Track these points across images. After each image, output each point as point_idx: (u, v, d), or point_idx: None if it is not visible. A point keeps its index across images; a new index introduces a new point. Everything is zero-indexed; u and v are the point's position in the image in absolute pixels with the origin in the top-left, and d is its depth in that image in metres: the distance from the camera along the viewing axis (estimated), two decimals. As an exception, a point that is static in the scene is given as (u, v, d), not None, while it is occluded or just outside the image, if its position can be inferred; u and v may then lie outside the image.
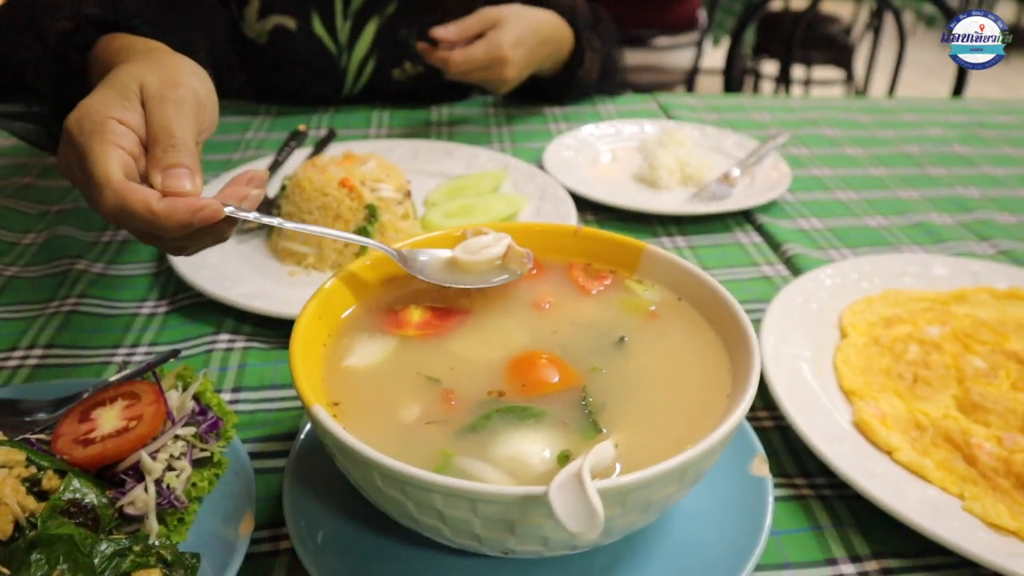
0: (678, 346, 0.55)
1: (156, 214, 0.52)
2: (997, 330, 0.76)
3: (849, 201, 1.08)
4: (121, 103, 0.56)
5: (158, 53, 0.65)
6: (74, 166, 0.56)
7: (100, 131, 0.54)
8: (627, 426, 0.48)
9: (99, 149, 0.53)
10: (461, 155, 1.08)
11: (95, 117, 0.55)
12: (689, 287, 0.59)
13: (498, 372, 0.52)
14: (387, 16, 1.24)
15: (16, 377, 0.70)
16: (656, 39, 3.32)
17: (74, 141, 0.55)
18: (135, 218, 0.52)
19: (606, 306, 0.59)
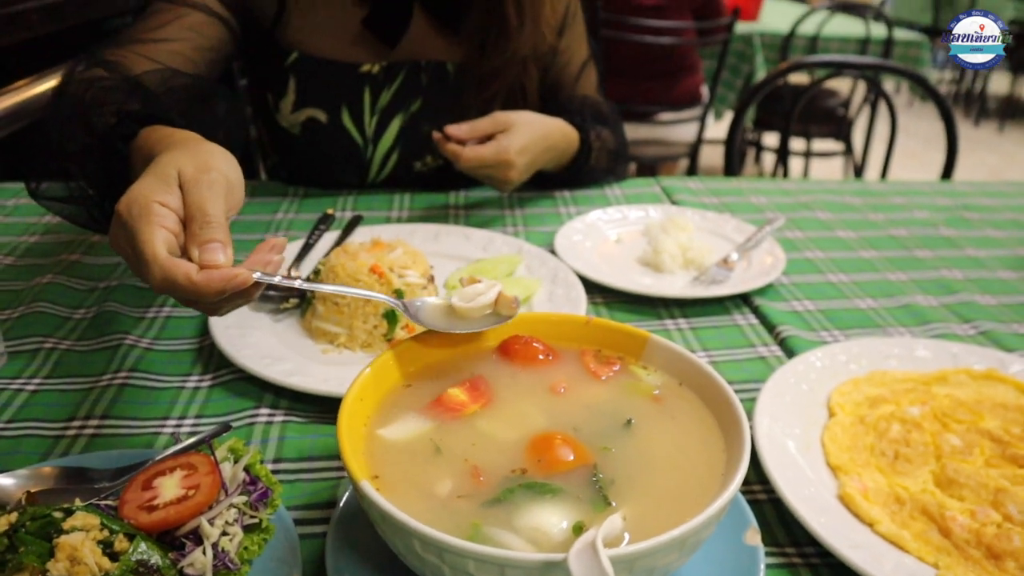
0: (679, 427, 0.62)
1: (196, 284, 0.61)
2: (974, 410, 0.83)
3: (840, 283, 1.16)
4: (163, 188, 0.65)
5: (193, 142, 0.75)
6: (123, 243, 0.65)
7: (146, 214, 0.63)
8: (634, 500, 0.55)
9: (146, 230, 0.62)
10: (478, 239, 1.16)
11: (142, 201, 0.64)
12: (688, 373, 0.66)
13: (520, 451, 0.59)
14: (411, 113, 1.34)
15: (75, 445, 0.77)
16: (661, 114, 3.44)
17: (124, 223, 0.64)
18: (178, 288, 0.62)
19: (615, 390, 0.66)
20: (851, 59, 2.26)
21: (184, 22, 1.13)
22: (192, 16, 1.14)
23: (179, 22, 1.12)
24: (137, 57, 1.07)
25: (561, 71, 1.44)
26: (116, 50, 1.07)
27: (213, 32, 1.16)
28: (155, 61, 1.07)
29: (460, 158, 1.16)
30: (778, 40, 4.04)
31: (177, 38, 1.11)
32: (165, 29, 1.11)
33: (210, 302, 0.64)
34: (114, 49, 1.08)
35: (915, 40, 4.27)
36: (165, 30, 1.11)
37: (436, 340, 0.70)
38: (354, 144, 1.34)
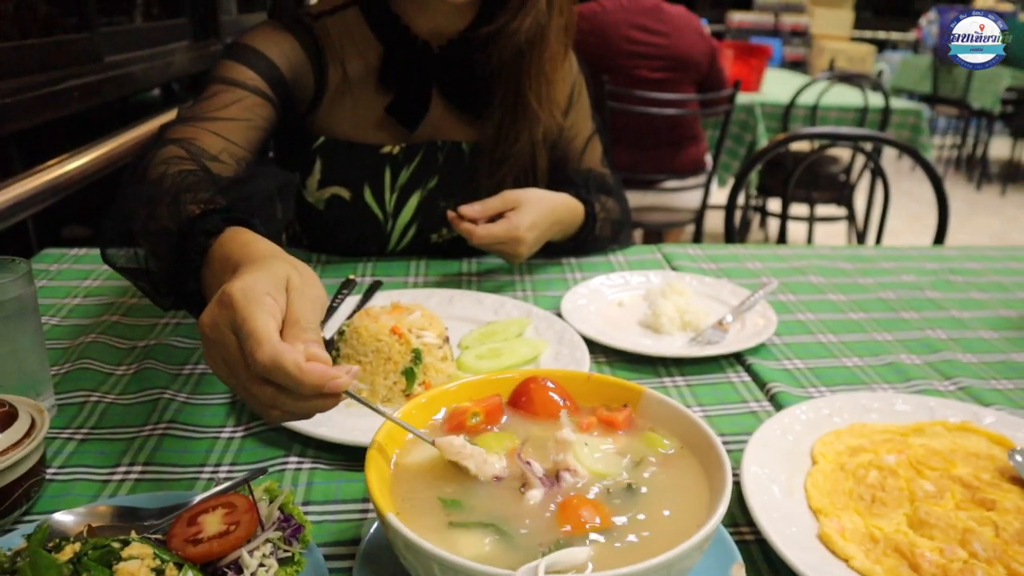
0: (667, 471, 0.70)
1: (301, 371, 0.65)
2: (947, 458, 0.90)
3: (829, 343, 1.24)
4: (275, 286, 0.72)
5: (283, 255, 0.81)
6: (225, 325, 0.69)
7: (260, 301, 0.69)
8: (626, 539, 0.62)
9: (260, 314, 0.67)
10: (490, 303, 1.25)
11: (257, 290, 0.70)
12: (677, 422, 0.74)
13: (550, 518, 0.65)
14: (428, 190, 1.45)
15: (122, 488, 0.84)
16: (666, 182, 3.55)
17: (234, 305, 0.68)
18: (284, 372, 0.65)
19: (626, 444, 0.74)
20: (845, 131, 2.37)
21: (244, 103, 1.24)
22: (250, 98, 1.25)
23: (239, 103, 1.23)
24: (207, 134, 1.17)
25: (567, 146, 1.54)
26: (188, 127, 1.17)
27: (265, 113, 1.27)
28: (222, 137, 1.18)
29: (474, 236, 1.26)
30: (779, 110, 4.17)
31: (237, 117, 1.22)
32: (228, 109, 1.22)
33: (290, 398, 0.68)
34: (186, 126, 1.18)
35: (912, 109, 4.41)
36: (227, 110, 1.22)
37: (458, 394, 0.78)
38: (375, 219, 1.45)
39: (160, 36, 2.84)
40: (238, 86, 1.24)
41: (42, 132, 2.02)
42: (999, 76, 6.96)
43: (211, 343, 0.71)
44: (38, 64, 1.99)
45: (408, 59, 1.39)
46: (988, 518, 0.80)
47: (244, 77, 1.26)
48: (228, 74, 1.26)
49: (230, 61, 1.28)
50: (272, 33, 1.33)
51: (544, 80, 1.38)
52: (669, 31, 3.40)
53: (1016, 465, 0.86)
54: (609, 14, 3.39)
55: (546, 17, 1.32)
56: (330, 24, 1.39)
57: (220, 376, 0.73)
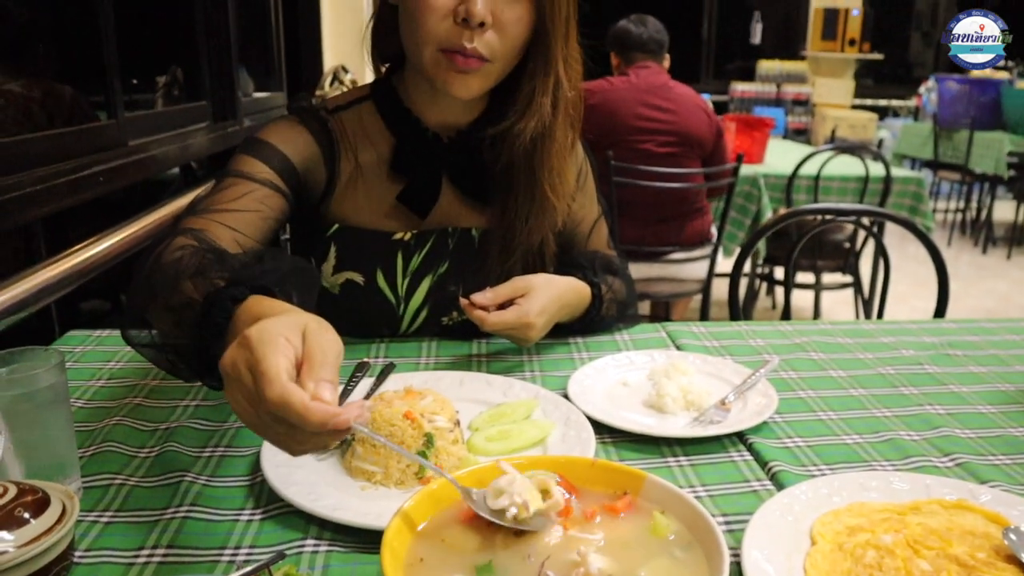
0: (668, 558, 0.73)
1: (307, 410, 0.71)
2: (943, 537, 0.92)
3: (829, 420, 1.27)
4: (291, 329, 0.78)
5: (306, 312, 0.87)
6: (241, 364, 0.75)
7: (274, 343, 0.75)
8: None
9: (273, 355, 0.74)
10: (499, 385, 1.29)
11: (272, 332, 0.76)
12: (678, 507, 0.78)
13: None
14: (439, 275, 1.51)
15: (146, 572, 0.88)
16: (672, 253, 3.62)
17: (251, 346, 0.75)
18: (289, 409, 0.71)
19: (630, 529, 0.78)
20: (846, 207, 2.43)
21: (255, 195, 1.31)
22: (261, 190, 1.32)
23: (251, 195, 1.30)
24: (217, 226, 1.24)
25: (574, 229, 1.61)
26: (199, 218, 1.25)
27: (276, 204, 1.34)
28: (231, 228, 1.25)
29: (486, 323, 1.32)
30: (782, 180, 4.26)
31: (249, 209, 1.29)
32: (239, 201, 1.29)
33: (302, 434, 0.74)
34: (197, 218, 1.25)
35: (913, 178, 4.49)
36: (239, 202, 1.29)
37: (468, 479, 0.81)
38: (388, 303, 1.50)
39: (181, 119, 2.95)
40: (250, 179, 1.32)
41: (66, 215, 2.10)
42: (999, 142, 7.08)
43: (231, 381, 0.78)
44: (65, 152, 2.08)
45: (419, 150, 1.46)
46: (983, 598, 0.82)
47: (257, 170, 1.33)
48: (242, 168, 1.33)
49: (245, 155, 1.35)
50: (287, 128, 1.41)
51: (555, 173, 1.45)
52: (676, 108, 3.51)
53: (1010, 544, 0.89)
54: (618, 91, 3.51)
55: (551, 117, 1.39)
56: (345, 118, 1.47)
57: (239, 413, 0.78)
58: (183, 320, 1.02)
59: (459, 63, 1.29)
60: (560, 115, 1.41)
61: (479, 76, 1.33)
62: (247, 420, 0.79)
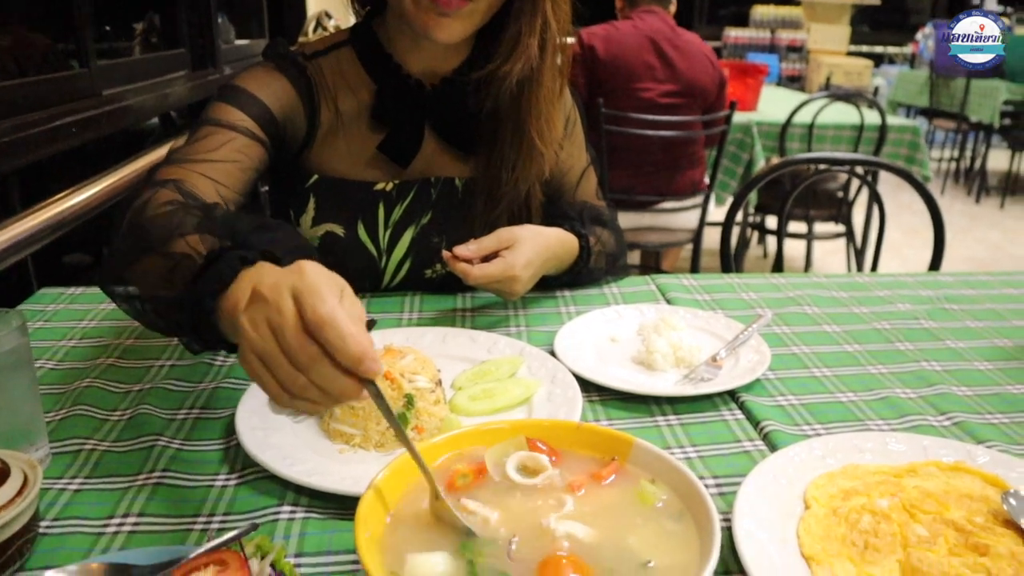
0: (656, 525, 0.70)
1: (353, 333, 0.69)
2: (940, 500, 0.89)
3: (824, 377, 1.23)
4: (336, 283, 0.76)
5: None
6: (284, 288, 0.72)
7: (328, 281, 0.73)
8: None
9: (327, 285, 0.72)
10: (483, 341, 1.25)
11: (325, 273, 0.75)
12: (667, 472, 0.74)
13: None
14: (422, 226, 1.46)
15: (115, 541, 0.84)
16: (663, 203, 3.56)
17: (306, 275, 0.73)
18: (336, 328, 0.68)
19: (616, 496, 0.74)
20: (841, 156, 2.38)
21: (234, 145, 1.25)
22: (240, 140, 1.26)
23: (229, 144, 1.24)
24: (197, 176, 1.18)
25: (561, 179, 1.55)
26: (178, 168, 1.19)
27: (256, 154, 1.28)
28: (211, 179, 1.19)
29: (469, 277, 1.27)
30: (776, 128, 4.19)
31: (228, 159, 1.23)
32: (218, 151, 1.23)
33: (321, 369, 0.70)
34: (176, 167, 1.19)
35: (908, 126, 4.42)
36: (218, 152, 1.23)
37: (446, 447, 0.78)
38: (369, 255, 1.45)
39: (158, 68, 2.86)
40: (228, 128, 1.25)
41: (42, 168, 2.04)
42: (996, 90, 6.99)
43: (263, 302, 0.73)
44: (36, 101, 2.00)
45: (401, 97, 1.40)
46: (981, 564, 0.79)
47: (235, 119, 1.27)
48: (219, 116, 1.27)
49: (222, 103, 1.29)
50: (264, 74, 1.35)
51: (543, 120, 1.39)
52: (682, 57, 3.42)
53: (1010, 509, 0.86)
54: (624, 36, 3.40)
55: (538, 60, 1.32)
56: (323, 63, 1.41)
57: (251, 339, 0.73)
58: (177, 271, 0.94)
59: (441, 4, 1.22)
60: (548, 58, 1.35)
61: (462, 18, 1.26)
62: (258, 346, 0.73)
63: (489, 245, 1.30)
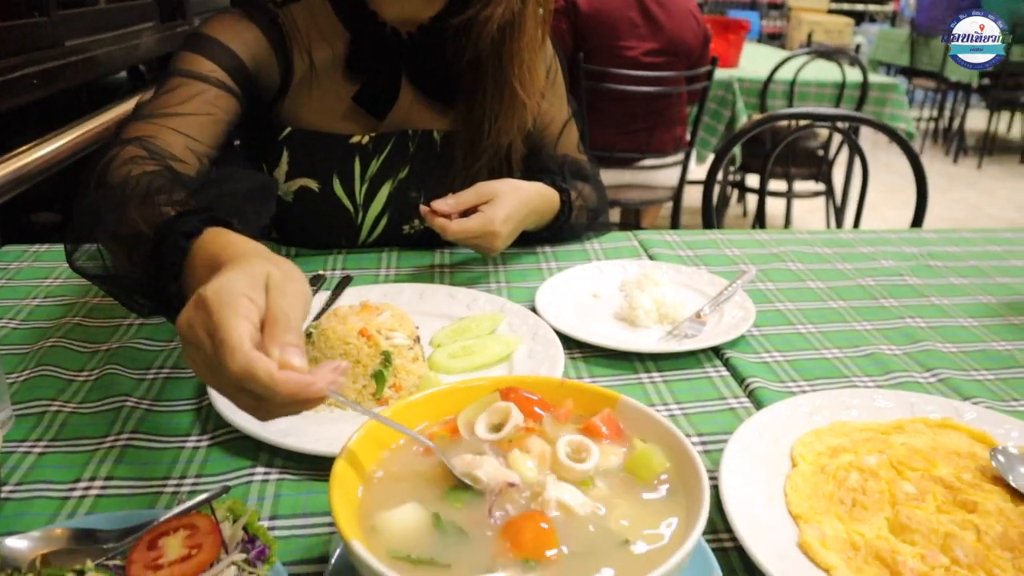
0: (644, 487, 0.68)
1: (275, 381, 0.63)
2: (928, 457, 0.88)
3: (808, 334, 1.22)
4: (252, 285, 0.69)
5: (268, 253, 0.79)
6: (200, 329, 0.67)
7: (234, 304, 0.66)
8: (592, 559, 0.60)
9: (233, 319, 0.65)
10: (462, 298, 1.22)
11: (232, 291, 0.67)
12: (654, 431, 0.72)
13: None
14: (399, 180, 1.41)
15: (82, 506, 0.81)
16: (644, 160, 3.52)
17: (209, 309, 0.66)
18: (255, 381, 0.63)
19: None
20: (824, 111, 2.35)
21: (205, 97, 1.19)
22: (210, 91, 1.21)
23: (200, 97, 1.19)
24: (167, 131, 1.13)
25: (542, 132, 1.51)
26: (147, 124, 1.13)
27: (228, 106, 1.23)
28: (183, 134, 1.14)
29: (448, 232, 1.23)
30: (757, 85, 4.15)
31: (199, 112, 1.18)
32: (188, 104, 1.17)
33: (272, 404, 0.66)
34: (145, 123, 1.14)
35: (890, 83, 4.39)
36: (188, 104, 1.17)
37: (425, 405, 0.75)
38: (345, 211, 1.41)
39: (124, 18, 2.76)
40: (198, 79, 1.20)
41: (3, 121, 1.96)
42: (975, 48, 6.96)
43: (188, 344, 0.69)
44: (-7, 51, 1.92)
45: (376, 47, 1.35)
46: (970, 521, 0.78)
47: (205, 69, 1.21)
48: (188, 66, 1.21)
49: (190, 52, 1.23)
50: (234, 22, 1.29)
51: (525, 68, 1.34)
52: (668, 14, 3.35)
53: (998, 466, 0.85)
54: None
55: (519, 4, 1.28)
56: (295, 11, 1.35)
57: (201, 377, 0.71)
58: (134, 254, 0.92)
59: None
60: (530, 4, 1.30)
61: None
62: (210, 384, 0.70)
63: (468, 200, 1.26)
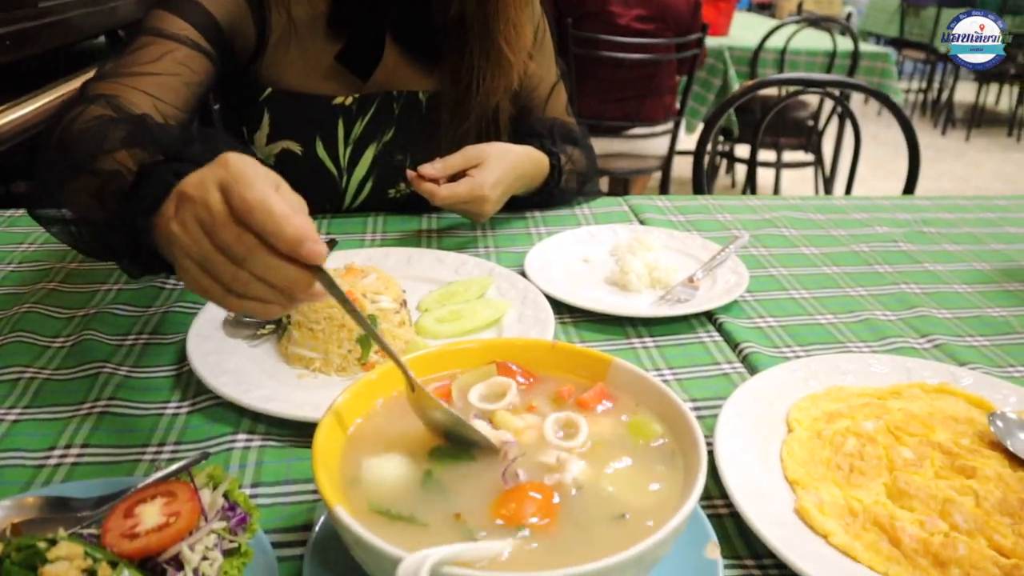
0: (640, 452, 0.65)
1: (287, 217, 0.63)
2: (925, 423, 0.86)
3: (802, 300, 1.20)
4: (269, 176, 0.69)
5: None
6: (210, 182, 0.66)
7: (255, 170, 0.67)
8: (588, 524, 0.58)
9: (253, 173, 0.66)
10: (450, 262, 1.19)
11: (253, 163, 0.67)
12: (648, 395, 0.70)
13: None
14: (384, 143, 1.38)
15: (57, 474, 0.78)
16: (633, 128, 3.48)
17: (230, 165, 0.66)
18: (269, 214, 0.63)
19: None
20: (816, 77, 2.32)
21: (174, 56, 1.15)
22: (181, 51, 1.16)
23: (170, 56, 1.14)
24: (133, 92, 1.09)
25: (531, 94, 1.47)
26: (111, 84, 1.09)
27: (199, 66, 1.18)
28: (150, 95, 1.10)
29: (436, 197, 1.20)
30: (747, 54, 4.11)
31: (168, 72, 1.13)
32: (157, 63, 1.13)
33: (259, 266, 0.64)
34: (109, 83, 1.09)
35: (880, 53, 4.36)
36: (157, 64, 1.13)
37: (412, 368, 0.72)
38: (329, 174, 1.37)
39: (102, -21, 2.68)
40: (169, 38, 1.15)
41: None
42: (965, 19, 6.91)
43: (189, 201, 0.67)
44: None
45: (359, 3, 1.30)
46: (968, 487, 0.77)
47: (175, 28, 1.16)
48: (158, 24, 1.16)
49: (160, 11, 1.18)
50: None
51: (511, 25, 1.30)
52: None
53: (997, 431, 0.83)
54: None
55: None
56: None
57: (182, 243, 0.68)
58: (107, 190, 0.88)
59: None
60: None
61: None
62: (192, 250, 0.67)
63: (456, 163, 1.22)
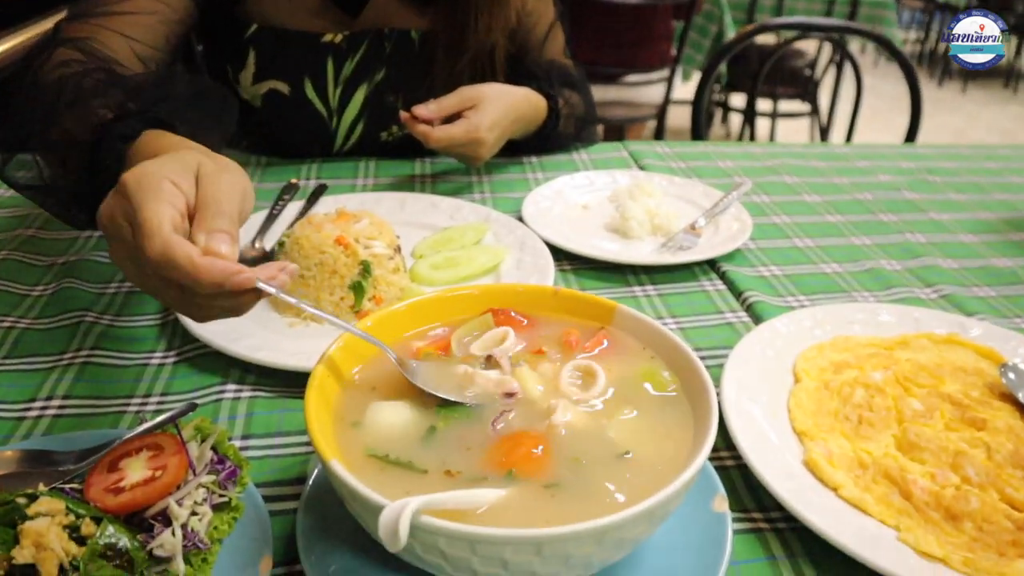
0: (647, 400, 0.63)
1: (196, 268, 0.57)
2: (935, 374, 0.84)
3: (806, 248, 1.17)
4: (179, 170, 0.63)
5: (207, 150, 0.72)
6: (120, 216, 0.61)
7: (156, 189, 0.60)
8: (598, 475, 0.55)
9: (153, 204, 0.59)
10: (445, 207, 1.16)
11: (154, 176, 0.61)
12: (656, 342, 0.67)
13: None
14: (375, 83, 1.32)
15: (38, 426, 0.75)
16: (628, 76, 3.42)
17: (129, 194, 0.60)
18: (176, 268, 0.58)
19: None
20: (817, 21, 2.26)
21: None
22: None
23: None
24: (107, 33, 1.03)
25: (527, 34, 1.42)
26: (84, 24, 1.03)
27: (178, 4, 1.13)
28: (125, 36, 1.04)
29: (430, 139, 1.15)
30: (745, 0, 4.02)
31: (144, 11, 1.08)
32: (132, 2, 1.07)
33: (200, 298, 0.61)
34: (81, 24, 1.03)
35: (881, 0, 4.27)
36: (133, 3, 1.07)
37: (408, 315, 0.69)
38: (318, 116, 1.32)
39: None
40: None
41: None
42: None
43: (111, 237, 0.64)
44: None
45: None
46: (979, 439, 0.75)
47: None
48: None
49: None
50: None
51: None
52: None
53: (1008, 383, 0.81)
54: None
55: None
56: None
57: (127, 275, 0.66)
58: (69, 161, 0.85)
59: None
60: None
61: None
62: (137, 282, 0.65)
63: (451, 105, 1.18)
